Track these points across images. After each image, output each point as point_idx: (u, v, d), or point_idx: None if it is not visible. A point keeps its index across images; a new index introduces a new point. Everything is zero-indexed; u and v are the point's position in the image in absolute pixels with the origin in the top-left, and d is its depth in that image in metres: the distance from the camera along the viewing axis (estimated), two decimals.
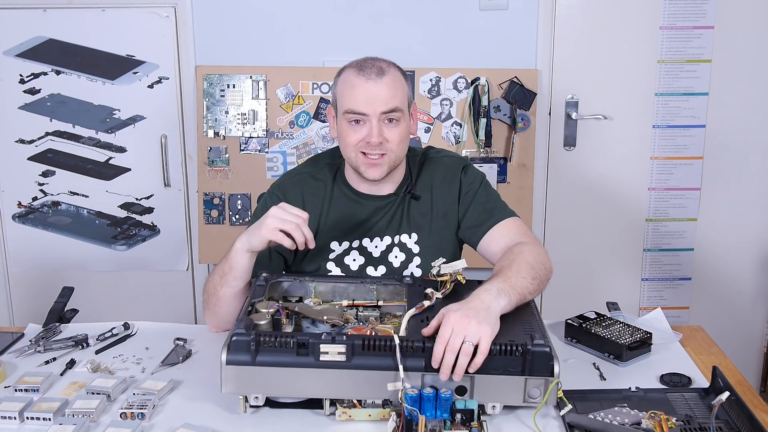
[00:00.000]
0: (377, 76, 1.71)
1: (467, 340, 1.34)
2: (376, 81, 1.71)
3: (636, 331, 1.69)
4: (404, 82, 1.77)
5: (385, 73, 1.72)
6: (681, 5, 2.89)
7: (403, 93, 1.75)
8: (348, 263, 1.83)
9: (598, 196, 3.05)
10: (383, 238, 1.84)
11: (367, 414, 1.39)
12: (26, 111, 2.94)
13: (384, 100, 1.71)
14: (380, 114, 1.71)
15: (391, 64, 1.77)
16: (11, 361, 1.66)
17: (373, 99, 1.71)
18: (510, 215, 1.81)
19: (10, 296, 3.11)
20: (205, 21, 2.88)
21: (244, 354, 1.37)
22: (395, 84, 1.73)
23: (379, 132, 1.71)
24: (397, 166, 1.80)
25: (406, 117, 1.77)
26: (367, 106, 1.71)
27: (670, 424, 1.35)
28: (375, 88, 1.71)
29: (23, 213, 3.03)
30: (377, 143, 1.72)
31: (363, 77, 1.71)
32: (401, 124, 1.74)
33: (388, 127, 1.73)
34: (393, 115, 1.72)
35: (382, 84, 1.71)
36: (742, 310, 3.15)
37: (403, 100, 1.75)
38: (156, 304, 3.06)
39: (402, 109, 1.74)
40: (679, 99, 2.97)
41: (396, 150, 1.75)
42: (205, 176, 2.94)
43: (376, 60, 1.76)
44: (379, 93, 1.71)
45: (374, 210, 1.84)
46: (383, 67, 1.74)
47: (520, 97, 2.87)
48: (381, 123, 1.72)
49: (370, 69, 1.72)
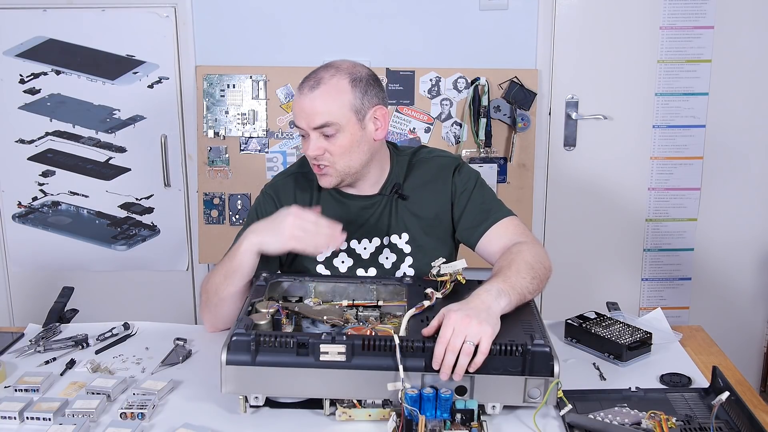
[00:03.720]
0: (310, 89, 1.67)
1: (468, 341, 1.34)
2: (307, 95, 1.67)
3: (636, 331, 1.69)
4: (347, 89, 1.68)
5: (321, 84, 1.67)
6: (681, 5, 2.89)
7: (341, 103, 1.68)
8: (337, 265, 1.82)
9: (598, 196, 3.05)
10: (372, 240, 1.83)
11: (367, 414, 1.39)
12: (26, 111, 2.94)
13: (313, 115, 1.67)
14: (313, 129, 1.69)
15: (338, 71, 1.70)
16: (11, 361, 1.66)
17: (304, 114, 1.68)
18: (507, 214, 1.80)
19: (10, 296, 3.11)
20: (205, 21, 2.88)
21: (244, 354, 1.37)
22: (330, 95, 1.67)
23: (315, 145, 1.69)
24: (352, 174, 1.76)
25: (350, 127, 1.70)
26: (301, 121, 1.70)
27: (670, 424, 1.35)
28: (306, 102, 1.67)
29: (23, 213, 3.03)
30: (314, 156, 1.71)
31: (299, 91, 1.69)
32: (340, 136, 1.69)
33: (326, 140, 1.70)
34: (326, 131, 1.69)
35: (314, 98, 1.67)
36: (742, 310, 3.15)
37: (340, 111, 1.68)
38: (156, 304, 3.06)
39: (336, 122, 1.68)
40: (679, 99, 2.97)
41: (340, 161, 1.72)
42: (205, 176, 2.95)
43: (325, 68, 1.71)
44: (309, 107, 1.67)
45: (359, 210, 1.82)
46: (324, 78, 1.68)
47: (520, 97, 2.87)
48: (319, 136, 1.69)
49: (307, 82, 1.69)
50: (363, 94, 1.71)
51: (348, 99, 1.69)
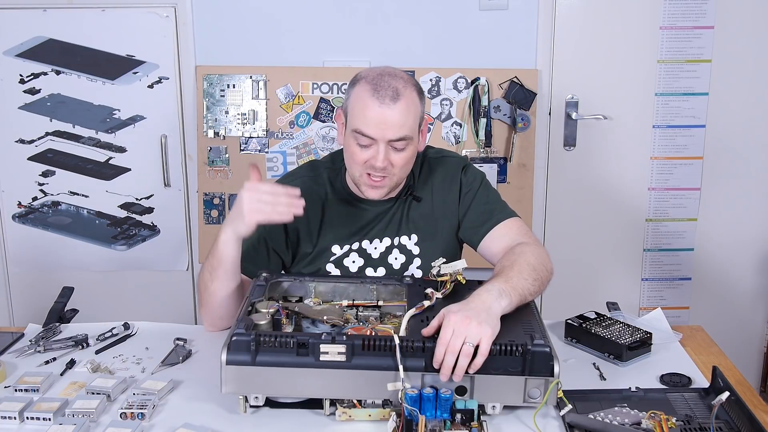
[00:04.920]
0: (391, 100, 1.64)
1: (468, 341, 1.34)
2: (389, 106, 1.64)
3: (636, 331, 1.69)
4: (418, 102, 1.70)
5: (400, 97, 1.65)
6: (681, 5, 2.89)
7: (416, 117, 1.69)
8: (347, 265, 1.83)
9: (598, 196, 3.05)
10: (382, 240, 1.83)
11: (367, 414, 1.39)
12: (26, 111, 2.94)
13: (394, 128, 1.65)
14: (388, 141, 1.67)
15: (408, 82, 1.69)
16: (11, 361, 1.66)
17: (384, 126, 1.65)
18: (510, 215, 1.81)
19: (10, 296, 3.11)
20: (205, 21, 2.88)
21: (244, 354, 1.37)
22: (408, 109, 1.66)
23: (384, 157, 1.67)
24: (398, 186, 1.78)
25: (415, 140, 1.71)
26: (376, 132, 1.65)
27: (670, 424, 1.35)
28: (387, 114, 1.64)
29: (23, 213, 3.03)
30: (381, 168, 1.68)
31: (377, 99, 1.64)
32: (408, 149, 1.70)
33: (394, 152, 1.68)
34: (399, 144, 1.68)
35: (395, 110, 1.64)
36: (742, 310, 3.15)
37: (414, 125, 1.69)
38: (156, 304, 3.06)
39: (411, 136, 1.68)
40: (679, 99, 2.97)
41: (399, 173, 1.72)
42: (205, 176, 2.94)
43: (394, 77, 1.67)
44: (390, 120, 1.64)
45: (375, 215, 1.83)
46: (399, 88, 1.65)
47: (520, 97, 2.87)
48: (388, 148, 1.67)
49: (385, 91, 1.64)
50: (423, 106, 1.73)
51: (419, 112, 1.71)
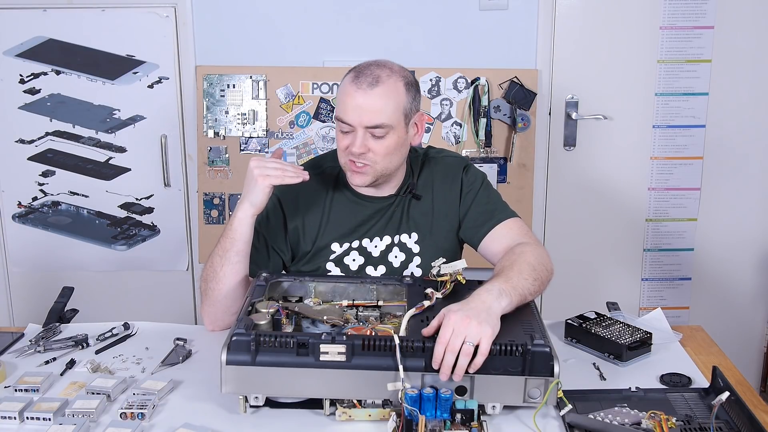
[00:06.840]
0: (369, 86, 1.66)
1: (468, 341, 1.34)
2: (365, 92, 1.66)
3: (636, 331, 1.69)
4: (403, 93, 1.70)
5: (379, 83, 1.67)
6: (681, 5, 2.89)
7: (397, 106, 1.69)
8: (348, 263, 1.83)
9: (598, 196, 3.05)
10: (383, 238, 1.83)
11: (367, 414, 1.39)
12: (26, 111, 2.94)
13: (370, 114, 1.67)
14: (365, 127, 1.68)
15: (395, 72, 1.71)
16: (11, 361, 1.66)
17: (359, 111, 1.67)
18: (511, 216, 1.81)
19: (10, 296, 3.11)
20: (205, 21, 2.88)
21: (244, 354, 1.37)
22: (388, 96, 1.67)
23: (362, 143, 1.69)
24: (386, 175, 1.77)
25: (398, 130, 1.71)
26: (353, 117, 1.68)
27: (670, 424, 1.35)
28: (363, 100, 1.66)
29: (23, 213, 3.03)
30: (358, 153, 1.70)
31: (355, 86, 1.67)
32: (388, 138, 1.70)
33: (373, 140, 1.69)
34: (377, 131, 1.68)
35: (373, 96, 1.66)
36: (742, 310, 3.15)
37: (395, 114, 1.69)
38: (156, 304, 3.06)
39: (389, 125, 1.68)
40: (679, 99, 2.97)
41: (381, 162, 1.72)
42: (205, 176, 2.95)
43: (379, 66, 1.70)
44: (364, 105, 1.66)
45: (375, 212, 1.83)
46: (381, 76, 1.67)
47: (520, 97, 2.87)
48: (366, 134, 1.69)
49: (364, 78, 1.67)
50: (413, 99, 1.73)
51: (402, 102, 1.70)
